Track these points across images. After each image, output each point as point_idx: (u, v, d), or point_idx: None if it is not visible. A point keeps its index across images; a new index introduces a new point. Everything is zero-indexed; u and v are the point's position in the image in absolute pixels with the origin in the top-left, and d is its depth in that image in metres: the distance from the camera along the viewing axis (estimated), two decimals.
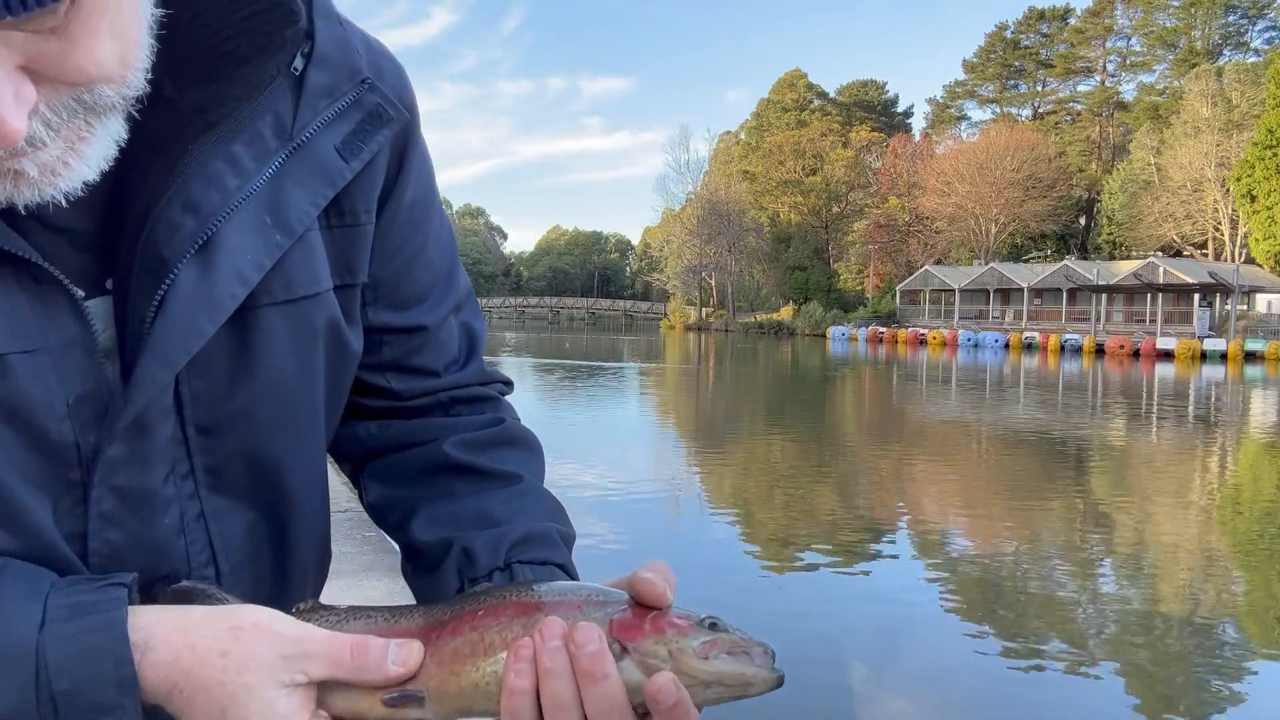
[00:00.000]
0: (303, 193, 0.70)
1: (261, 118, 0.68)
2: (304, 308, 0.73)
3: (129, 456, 0.65)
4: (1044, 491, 11.54)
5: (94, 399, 0.64)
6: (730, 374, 33.91)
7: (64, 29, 0.52)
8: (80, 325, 0.63)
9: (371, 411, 0.88)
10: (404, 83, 0.81)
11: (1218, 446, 16.01)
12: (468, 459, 0.85)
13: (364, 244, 0.78)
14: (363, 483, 0.90)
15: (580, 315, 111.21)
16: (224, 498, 0.72)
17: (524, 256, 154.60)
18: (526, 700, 0.61)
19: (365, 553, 5.37)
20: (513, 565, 0.77)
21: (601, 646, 0.61)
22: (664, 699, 0.59)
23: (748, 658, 0.61)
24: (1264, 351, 43.54)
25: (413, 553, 0.83)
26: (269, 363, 0.71)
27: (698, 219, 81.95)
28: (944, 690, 5.33)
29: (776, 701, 4.39)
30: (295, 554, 0.79)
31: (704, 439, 16.44)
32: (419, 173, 0.84)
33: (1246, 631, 6.46)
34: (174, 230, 0.64)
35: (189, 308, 0.64)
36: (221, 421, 0.70)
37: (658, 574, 0.64)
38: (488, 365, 0.94)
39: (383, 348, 0.85)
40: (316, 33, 0.72)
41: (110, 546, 0.65)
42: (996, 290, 63.65)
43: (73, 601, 0.57)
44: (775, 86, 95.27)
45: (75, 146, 0.57)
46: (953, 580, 7.41)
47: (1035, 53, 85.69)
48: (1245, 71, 62.94)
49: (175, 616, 0.60)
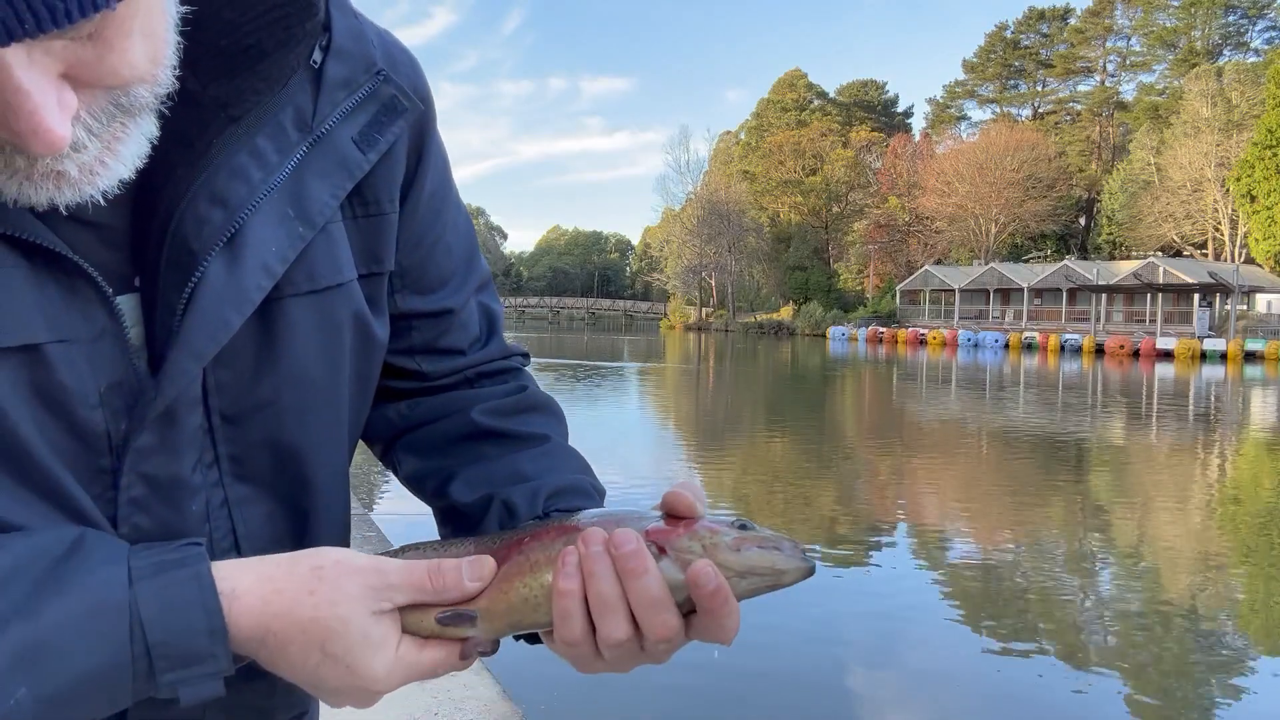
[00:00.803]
0: (323, 184, 0.71)
1: (283, 110, 0.69)
2: (328, 298, 0.74)
3: (158, 445, 0.66)
4: (1044, 491, 11.53)
5: (124, 389, 0.65)
6: (730, 374, 33.89)
7: (99, 34, 0.52)
8: (110, 318, 0.64)
9: (400, 393, 0.90)
10: (418, 74, 0.82)
11: (1218, 446, 16.01)
12: (496, 424, 0.89)
13: (389, 233, 0.80)
14: (396, 458, 0.92)
15: (580, 315, 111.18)
16: (247, 485, 0.73)
17: (524, 256, 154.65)
18: (575, 601, 0.64)
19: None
20: (550, 514, 0.79)
21: (639, 546, 0.64)
22: (705, 582, 0.62)
23: (778, 551, 0.64)
24: (1264, 351, 43.52)
25: (452, 514, 0.86)
26: (293, 353, 0.72)
27: (698, 219, 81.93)
28: (944, 690, 5.32)
29: (777, 702, 4.35)
30: (316, 542, 0.79)
31: (704, 438, 16.43)
32: (437, 162, 0.85)
33: (1247, 631, 6.45)
34: (202, 223, 0.65)
35: (217, 300, 0.65)
36: (245, 411, 0.72)
37: (688, 489, 0.68)
38: (506, 340, 0.97)
39: (412, 332, 0.88)
40: (333, 25, 0.73)
41: (138, 532, 0.66)
42: (996, 290, 63.63)
43: (156, 560, 0.59)
44: (775, 86, 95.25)
45: (112, 146, 0.58)
46: (953, 580, 7.41)
47: (1035, 53, 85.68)
48: (1245, 71, 62.93)
49: (256, 565, 0.63)
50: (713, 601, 0.63)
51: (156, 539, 0.65)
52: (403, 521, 8.16)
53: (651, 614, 0.64)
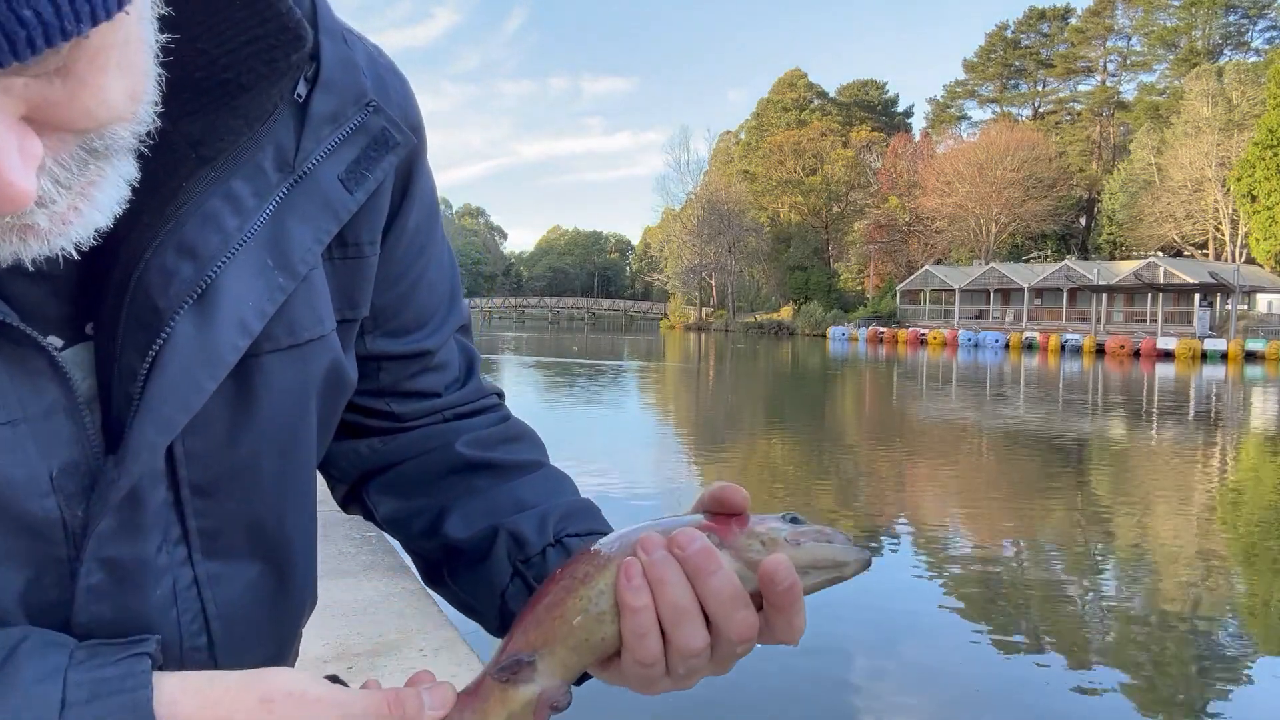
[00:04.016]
0: (306, 229, 0.64)
1: (262, 150, 0.62)
2: (306, 351, 0.67)
3: (120, 528, 0.59)
4: (1044, 491, 11.53)
5: (79, 469, 0.58)
6: (730, 373, 33.88)
7: (69, 69, 0.45)
8: (62, 388, 0.56)
9: (372, 430, 0.84)
10: (410, 102, 0.76)
11: (1218, 446, 16.00)
12: (483, 455, 0.83)
13: (368, 276, 0.73)
14: (370, 501, 0.85)
15: (580, 315, 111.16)
16: (219, 561, 0.66)
17: (524, 256, 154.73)
18: (648, 615, 0.60)
19: (365, 553, 5.37)
20: (563, 539, 0.75)
21: (706, 542, 0.61)
22: (781, 578, 0.59)
23: (834, 543, 0.62)
24: (1264, 351, 43.52)
25: (448, 553, 0.80)
26: (270, 413, 0.66)
27: (698, 219, 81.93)
28: (944, 689, 5.31)
29: (777, 701, 4.33)
30: (294, 597, 0.74)
31: (704, 438, 16.42)
32: (424, 195, 0.78)
33: (1248, 631, 6.44)
34: (169, 277, 0.58)
35: (187, 363, 0.58)
36: (219, 480, 0.64)
37: (731, 488, 0.64)
38: (483, 381, 0.91)
39: (379, 374, 0.81)
40: (322, 54, 0.65)
41: (98, 621, 0.60)
42: (997, 290, 63.62)
43: (94, 678, 0.53)
44: (775, 86, 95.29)
45: (86, 193, 0.51)
46: (953, 579, 7.40)
47: (1036, 52, 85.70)
48: (1246, 71, 62.92)
49: (201, 691, 0.55)
50: (786, 598, 0.60)
51: (119, 627, 0.60)
52: None
53: (730, 612, 0.60)
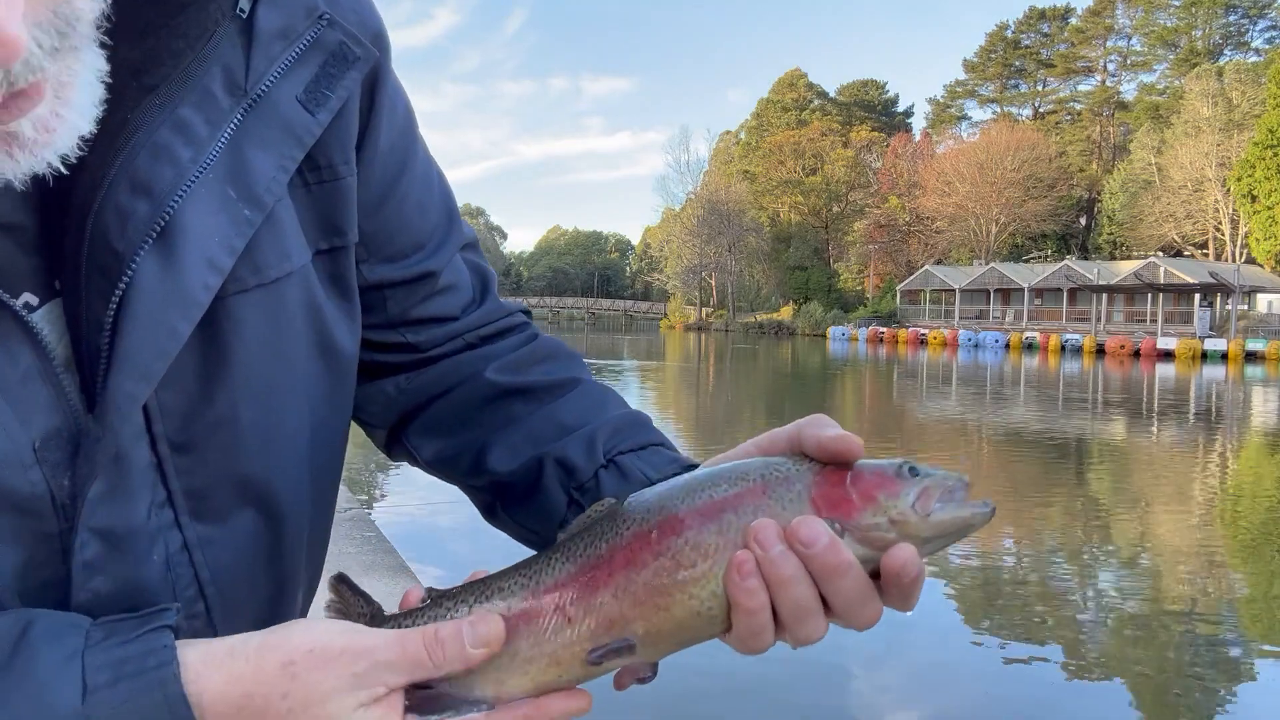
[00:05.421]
0: (267, 156, 0.60)
1: (209, 73, 0.58)
2: (277, 290, 0.63)
3: (109, 492, 0.56)
4: (1045, 491, 11.52)
5: (62, 436, 0.55)
6: (731, 373, 33.88)
7: None
8: (36, 351, 0.54)
9: (394, 367, 0.81)
10: (367, 10, 0.70)
11: (1218, 446, 15.99)
12: (516, 380, 0.79)
13: (348, 199, 0.69)
14: (411, 444, 0.82)
15: (580, 315, 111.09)
16: (208, 524, 0.63)
17: (524, 256, 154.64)
18: (765, 615, 0.56)
19: (365, 553, 5.36)
20: (616, 460, 0.71)
21: (833, 538, 0.55)
22: (910, 571, 0.55)
23: (958, 501, 0.57)
24: (1264, 351, 43.51)
25: (498, 490, 0.77)
26: (245, 361, 0.62)
27: (698, 219, 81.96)
28: (944, 689, 5.31)
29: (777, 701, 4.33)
30: (291, 562, 0.70)
31: (704, 437, 16.42)
32: (393, 111, 0.73)
33: (1248, 632, 6.44)
34: (125, 217, 0.55)
35: (156, 307, 0.55)
36: (198, 436, 0.61)
37: (834, 428, 0.59)
38: (503, 299, 0.88)
39: (386, 304, 0.77)
40: None
41: (97, 598, 0.57)
42: (997, 290, 63.62)
43: (115, 658, 0.50)
44: (775, 86, 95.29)
45: (61, 94, 0.48)
46: (953, 579, 7.39)
47: (1036, 52, 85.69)
48: (1246, 71, 62.93)
49: (224, 663, 0.53)
50: (912, 587, 0.56)
51: (120, 601, 0.57)
52: (403, 521, 8.15)
53: (857, 609, 0.57)
